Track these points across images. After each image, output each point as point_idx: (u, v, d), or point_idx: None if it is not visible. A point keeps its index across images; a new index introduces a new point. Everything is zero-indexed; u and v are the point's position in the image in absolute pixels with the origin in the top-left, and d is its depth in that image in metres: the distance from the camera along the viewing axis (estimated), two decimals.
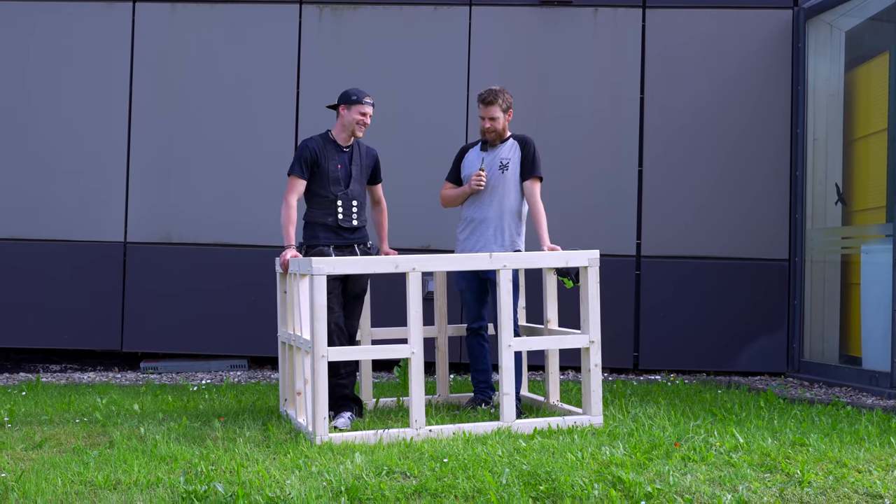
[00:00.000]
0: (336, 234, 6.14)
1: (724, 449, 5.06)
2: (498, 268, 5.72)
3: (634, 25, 8.87)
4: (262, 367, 9.07)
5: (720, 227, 8.75)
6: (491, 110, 6.34)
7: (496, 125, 6.36)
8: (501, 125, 6.38)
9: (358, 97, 6.16)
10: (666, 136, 8.82)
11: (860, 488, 4.42)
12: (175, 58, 8.96)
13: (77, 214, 8.86)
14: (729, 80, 8.82)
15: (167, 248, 8.88)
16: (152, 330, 8.85)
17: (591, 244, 6.98)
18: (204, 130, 8.92)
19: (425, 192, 8.24)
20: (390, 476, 4.57)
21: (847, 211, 8.53)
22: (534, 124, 8.61)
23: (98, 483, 4.51)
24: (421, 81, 8.88)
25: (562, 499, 4.27)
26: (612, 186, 8.80)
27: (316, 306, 5.39)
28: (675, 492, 4.33)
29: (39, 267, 8.83)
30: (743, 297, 8.70)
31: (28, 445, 5.39)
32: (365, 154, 6.31)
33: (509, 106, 6.40)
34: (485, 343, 6.54)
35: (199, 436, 5.55)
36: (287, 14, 8.95)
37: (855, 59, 8.61)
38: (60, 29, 8.96)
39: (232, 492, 4.30)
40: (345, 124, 6.19)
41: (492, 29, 8.89)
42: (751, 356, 8.67)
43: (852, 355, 8.21)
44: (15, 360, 9.15)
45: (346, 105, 6.18)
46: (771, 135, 8.76)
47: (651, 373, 8.74)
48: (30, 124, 8.93)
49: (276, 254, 7.11)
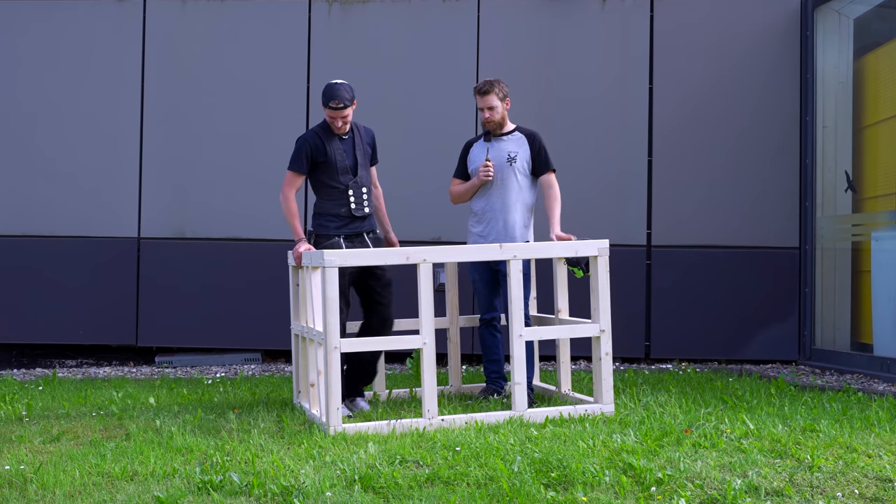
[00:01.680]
0: (348, 224, 6.18)
1: (734, 435, 5.09)
2: (508, 258, 5.76)
3: (643, 15, 8.88)
4: (275, 361, 9.13)
5: (730, 215, 8.76)
6: (488, 99, 6.40)
7: (495, 114, 6.42)
8: (500, 114, 6.43)
9: (326, 98, 6.10)
10: (675, 126, 8.83)
11: (870, 473, 4.45)
12: (186, 54, 9.02)
13: (91, 210, 8.93)
14: (737, 69, 8.83)
15: (181, 243, 8.94)
16: (167, 324, 8.92)
17: (602, 234, 7.00)
18: (215, 125, 8.98)
19: (436, 185, 8.27)
20: (403, 465, 4.62)
21: (857, 198, 8.54)
22: (543, 115, 8.65)
23: (115, 474, 4.57)
24: (430, 73, 8.91)
25: (573, 485, 4.31)
26: (621, 177, 8.83)
27: (328, 298, 5.44)
28: (686, 477, 4.37)
29: (54, 263, 8.91)
30: (754, 285, 8.72)
31: (46, 439, 5.46)
32: (364, 136, 6.31)
33: (506, 95, 6.46)
34: (497, 334, 6.58)
35: (215, 427, 5.61)
36: (296, 8, 8.99)
37: (864, 47, 8.60)
38: (73, 25, 9.02)
39: (247, 481, 4.36)
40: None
41: (500, 21, 8.91)
42: (762, 344, 8.69)
43: (863, 342, 8.23)
44: (31, 355, 9.24)
45: (324, 106, 6.16)
46: (780, 123, 8.77)
47: (662, 362, 8.77)
48: (43, 122, 9.00)
49: (289, 247, 7.16)
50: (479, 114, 6.59)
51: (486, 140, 6.47)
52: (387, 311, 6.24)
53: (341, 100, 6.06)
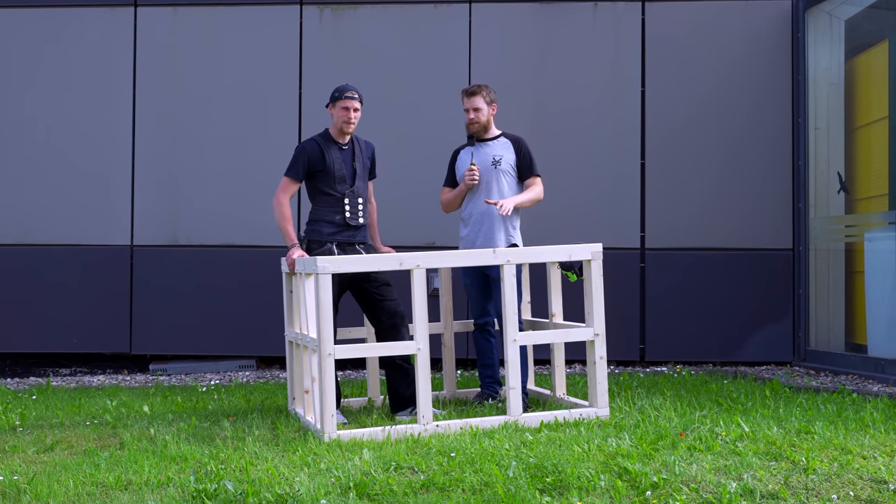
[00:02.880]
0: (341, 231, 6.18)
1: (729, 438, 5.09)
2: (501, 263, 5.75)
3: (634, 19, 8.89)
4: (270, 367, 9.11)
5: (723, 217, 8.77)
6: (474, 101, 6.43)
7: (480, 116, 6.44)
8: (486, 117, 6.46)
9: (339, 92, 6.18)
10: (668, 129, 8.84)
11: (865, 474, 4.45)
12: (178, 61, 9.01)
13: (83, 218, 8.92)
14: (729, 71, 8.84)
15: (174, 250, 8.93)
16: (161, 332, 8.90)
17: (595, 237, 7.02)
18: (208, 132, 8.96)
19: (429, 189, 8.24)
20: (398, 471, 4.61)
21: (850, 199, 8.55)
22: (535, 119, 8.66)
23: (109, 484, 4.56)
24: (422, 79, 8.91)
25: (568, 490, 4.31)
26: (614, 180, 8.83)
27: (322, 305, 5.43)
28: (681, 481, 4.37)
29: (47, 271, 8.89)
30: (748, 287, 8.73)
31: (39, 448, 5.44)
32: (364, 149, 6.35)
33: (493, 100, 6.48)
34: (491, 339, 6.57)
35: (209, 435, 5.59)
36: (287, 15, 8.99)
37: (855, 48, 8.62)
38: (64, 33, 9.00)
39: (242, 490, 4.34)
40: (335, 123, 6.23)
41: (492, 26, 8.92)
42: (757, 346, 8.69)
43: (858, 343, 8.24)
44: (25, 364, 9.22)
45: (332, 103, 6.21)
46: (772, 125, 8.78)
47: (657, 364, 8.77)
48: (35, 129, 8.98)
49: (283, 254, 7.16)
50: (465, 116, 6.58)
51: (470, 143, 6.49)
52: (392, 304, 6.16)
53: (355, 90, 6.19)
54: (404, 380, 6.11)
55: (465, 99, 6.49)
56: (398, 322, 6.15)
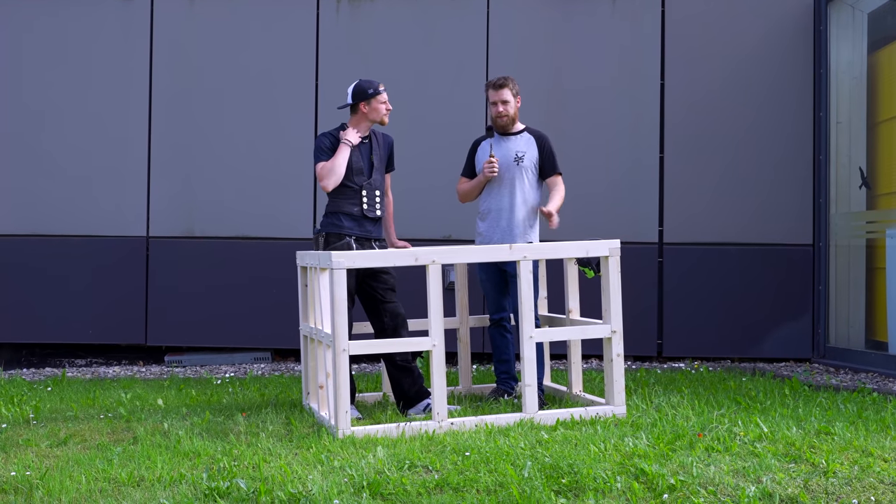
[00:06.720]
0: (359, 224, 6.14)
1: (748, 439, 5.02)
2: (518, 259, 5.69)
3: (654, 11, 8.80)
4: (285, 360, 9.09)
5: (743, 212, 8.68)
6: (502, 93, 6.37)
7: (508, 109, 6.39)
8: (513, 109, 6.41)
9: (374, 89, 6.17)
10: (687, 122, 8.75)
11: (886, 478, 4.38)
12: (194, 52, 8.97)
13: (99, 210, 8.90)
14: (750, 64, 8.74)
15: (189, 242, 8.90)
16: (176, 323, 8.89)
17: (613, 232, 6.95)
18: (224, 124, 8.93)
19: (446, 181, 8.20)
20: (412, 470, 4.57)
21: (871, 195, 8.45)
22: (553, 111, 8.59)
23: (121, 480, 4.54)
24: (439, 70, 8.85)
25: (584, 492, 4.25)
26: (633, 174, 8.75)
27: (336, 300, 5.39)
28: (699, 484, 4.31)
29: (63, 263, 8.88)
30: (767, 282, 8.64)
31: (53, 442, 5.42)
32: (382, 142, 6.34)
33: (518, 92, 6.44)
34: (507, 334, 6.52)
35: (223, 430, 5.56)
36: (304, 6, 8.93)
37: (878, 41, 8.50)
38: (79, 23, 8.98)
39: (254, 488, 4.31)
40: (372, 118, 6.19)
41: (510, 15, 8.84)
42: (776, 342, 8.61)
43: (878, 340, 8.14)
44: (41, 355, 9.22)
45: (365, 101, 6.17)
46: (793, 119, 8.68)
47: (675, 360, 8.70)
48: (51, 121, 8.96)
49: (298, 246, 7.14)
50: (489, 109, 6.53)
51: (489, 135, 6.43)
52: (394, 306, 6.16)
53: (381, 83, 6.22)
54: (408, 378, 6.10)
55: (491, 92, 6.42)
56: (399, 324, 6.15)
